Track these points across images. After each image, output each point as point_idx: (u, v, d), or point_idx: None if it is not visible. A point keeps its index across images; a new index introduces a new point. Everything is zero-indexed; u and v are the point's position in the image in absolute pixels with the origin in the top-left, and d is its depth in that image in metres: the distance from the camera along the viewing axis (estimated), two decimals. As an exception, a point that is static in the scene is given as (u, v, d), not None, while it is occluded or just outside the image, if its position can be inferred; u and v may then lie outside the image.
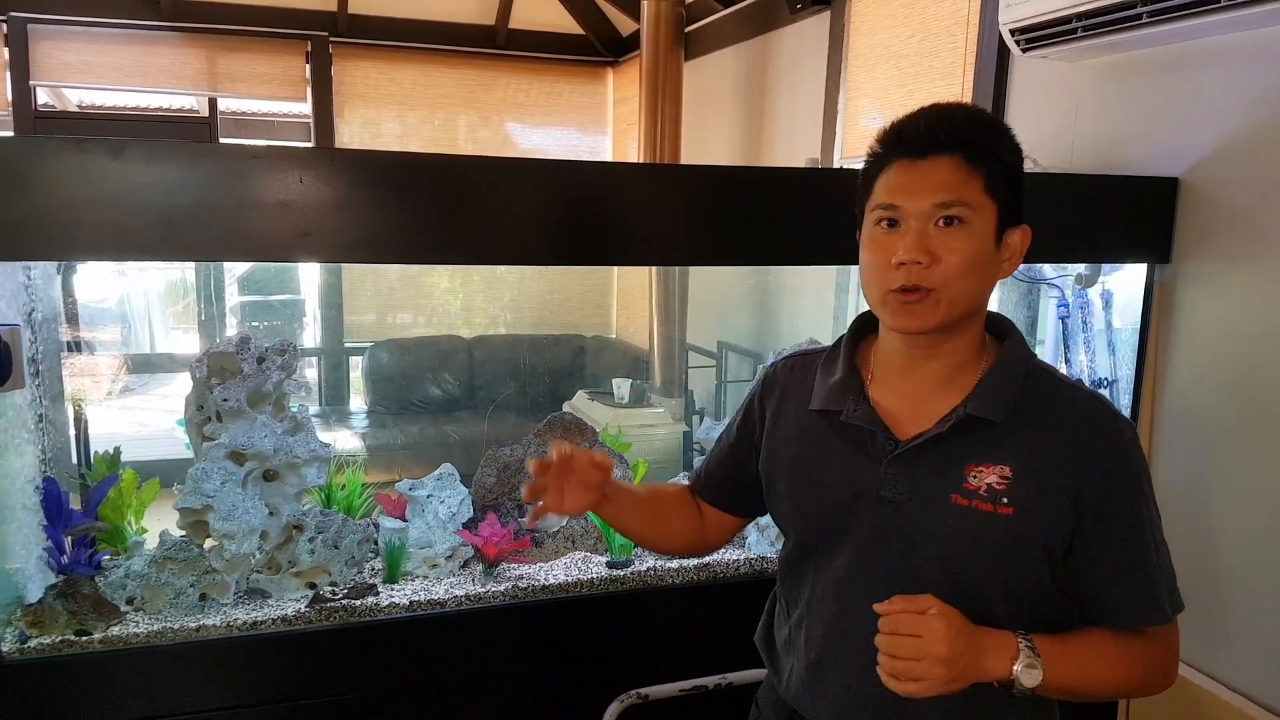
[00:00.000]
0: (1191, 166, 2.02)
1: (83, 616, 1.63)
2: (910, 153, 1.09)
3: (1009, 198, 1.09)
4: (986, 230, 1.08)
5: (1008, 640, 1.06)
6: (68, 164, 1.39)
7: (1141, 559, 1.11)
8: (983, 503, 1.09)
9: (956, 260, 1.06)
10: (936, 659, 1.01)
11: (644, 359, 4.60)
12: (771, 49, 4.17)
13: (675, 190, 1.75)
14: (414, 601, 1.80)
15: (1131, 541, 1.10)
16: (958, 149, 1.07)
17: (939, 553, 1.12)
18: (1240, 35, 1.89)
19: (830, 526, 1.19)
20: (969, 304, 1.10)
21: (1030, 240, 1.13)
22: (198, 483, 1.74)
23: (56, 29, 5.09)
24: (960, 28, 2.88)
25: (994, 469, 1.10)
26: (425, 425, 4.87)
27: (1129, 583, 1.11)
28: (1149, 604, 1.12)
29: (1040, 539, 1.09)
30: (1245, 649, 1.93)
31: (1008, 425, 1.10)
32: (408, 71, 5.75)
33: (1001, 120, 1.13)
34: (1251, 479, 1.91)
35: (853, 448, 1.18)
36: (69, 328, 2.00)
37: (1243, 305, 1.93)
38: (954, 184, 1.06)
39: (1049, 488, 1.08)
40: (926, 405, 1.14)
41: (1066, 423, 1.11)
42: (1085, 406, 1.12)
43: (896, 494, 1.14)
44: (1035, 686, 1.05)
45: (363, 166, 1.56)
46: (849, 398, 1.18)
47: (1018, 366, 1.13)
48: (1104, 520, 1.09)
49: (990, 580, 1.11)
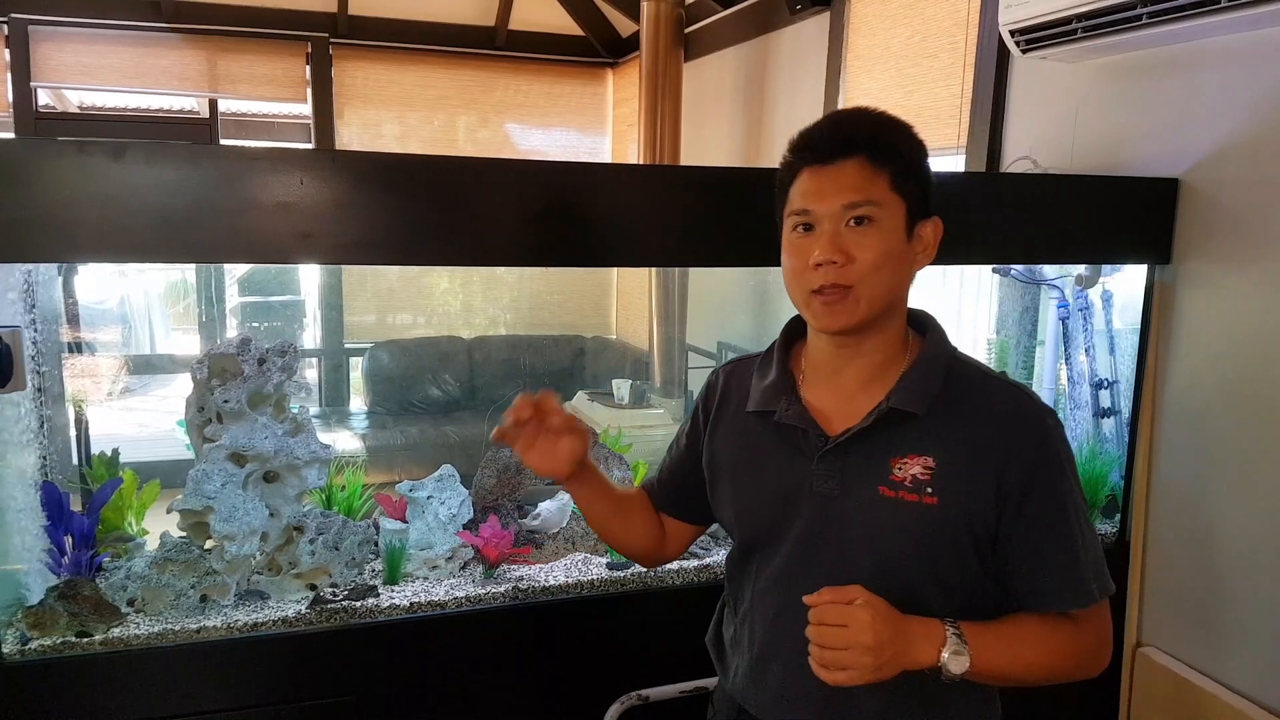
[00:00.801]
0: (1191, 167, 2.02)
1: (83, 618, 1.63)
2: (818, 158, 1.14)
3: (916, 192, 1.13)
4: (896, 225, 1.12)
5: (934, 628, 1.09)
6: (69, 165, 1.39)
7: (1067, 544, 1.14)
8: (908, 493, 1.13)
9: (869, 257, 1.11)
10: (863, 648, 1.03)
11: (644, 360, 4.60)
12: (771, 50, 4.17)
13: (674, 191, 1.75)
14: (414, 603, 1.80)
15: (1056, 527, 1.13)
16: (861, 150, 1.12)
17: (870, 544, 1.15)
18: (1240, 36, 1.89)
19: (769, 523, 1.23)
20: (887, 298, 1.14)
21: (942, 231, 1.17)
22: (198, 484, 1.74)
23: (57, 30, 5.09)
24: (960, 28, 2.88)
25: (918, 460, 1.13)
26: (425, 426, 4.87)
27: (1055, 568, 1.14)
28: (1076, 588, 1.14)
29: (965, 527, 1.12)
30: (1246, 649, 1.93)
31: (930, 417, 1.14)
32: (408, 73, 5.75)
33: (902, 120, 1.16)
34: (1252, 479, 1.91)
35: (787, 446, 1.22)
36: (70, 329, 2.00)
37: (1243, 305, 1.93)
38: (860, 184, 1.11)
39: (972, 477, 1.12)
40: (855, 402, 1.18)
41: (988, 413, 1.14)
42: (1006, 396, 1.16)
43: (829, 488, 1.17)
44: (963, 672, 1.07)
45: (363, 168, 1.56)
46: (781, 398, 1.22)
47: (939, 360, 1.18)
48: (1028, 507, 1.12)
49: (920, 569, 1.14)
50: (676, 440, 1.42)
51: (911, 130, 1.16)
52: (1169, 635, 2.11)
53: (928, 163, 1.17)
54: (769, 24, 4.12)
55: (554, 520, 2.06)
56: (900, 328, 1.20)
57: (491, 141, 5.98)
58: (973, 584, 1.16)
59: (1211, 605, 1.99)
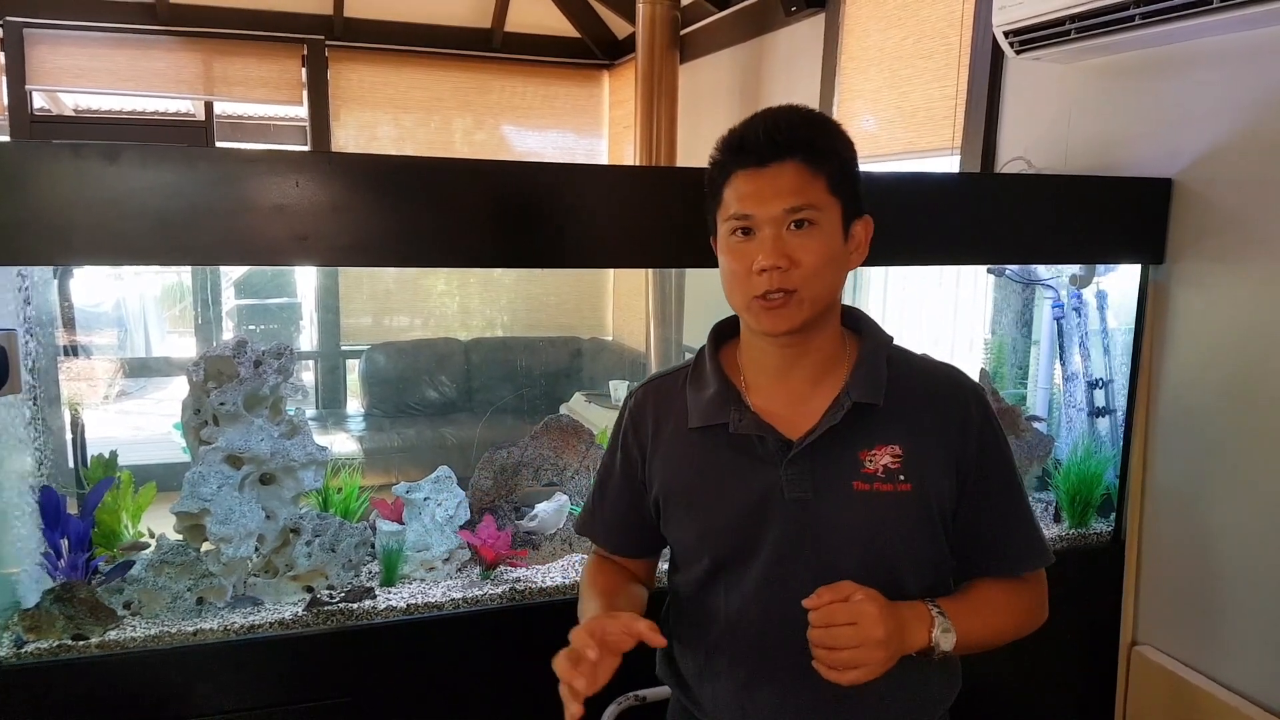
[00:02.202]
0: (1185, 167, 2.03)
1: (79, 621, 1.63)
2: (754, 161, 1.13)
3: (850, 193, 1.15)
4: (834, 227, 1.13)
5: (921, 610, 1.11)
6: (63, 168, 1.39)
7: (1021, 508, 1.21)
8: (882, 484, 1.14)
9: (812, 260, 1.11)
10: (875, 642, 1.03)
11: (641, 361, 4.61)
12: (766, 51, 4.18)
13: (671, 192, 1.75)
14: (411, 604, 1.80)
15: (1010, 492, 1.20)
16: (798, 153, 1.11)
17: (852, 540, 1.14)
18: (1233, 36, 1.89)
19: (740, 538, 1.19)
20: (828, 299, 1.15)
21: (872, 230, 1.19)
22: (194, 486, 1.74)
23: (53, 33, 5.08)
24: (954, 29, 2.89)
25: (885, 449, 1.15)
26: (422, 428, 4.87)
27: (1017, 532, 1.20)
28: (1037, 549, 1.21)
29: (936, 507, 1.15)
30: (1242, 648, 1.93)
31: (888, 406, 1.16)
32: (403, 75, 5.75)
33: (833, 120, 1.19)
34: (1247, 477, 1.92)
35: (745, 457, 1.18)
36: (66, 332, 2.00)
37: (1236, 305, 1.93)
38: (800, 188, 1.11)
39: (935, 457, 1.15)
40: (808, 402, 1.18)
41: (933, 394, 1.19)
42: (944, 376, 1.21)
43: (801, 492, 1.15)
44: (948, 649, 1.10)
45: (358, 170, 1.56)
46: (729, 408, 1.19)
47: (880, 351, 1.20)
48: (985, 478, 1.18)
49: (902, 557, 1.16)
50: (603, 482, 1.35)
51: (842, 130, 1.18)
52: (1164, 634, 2.11)
53: (857, 164, 1.18)
54: (764, 26, 4.13)
55: (551, 521, 2.06)
56: (837, 325, 1.22)
57: (488, 143, 5.98)
58: (940, 562, 1.20)
59: (1207, 604, 2.00)
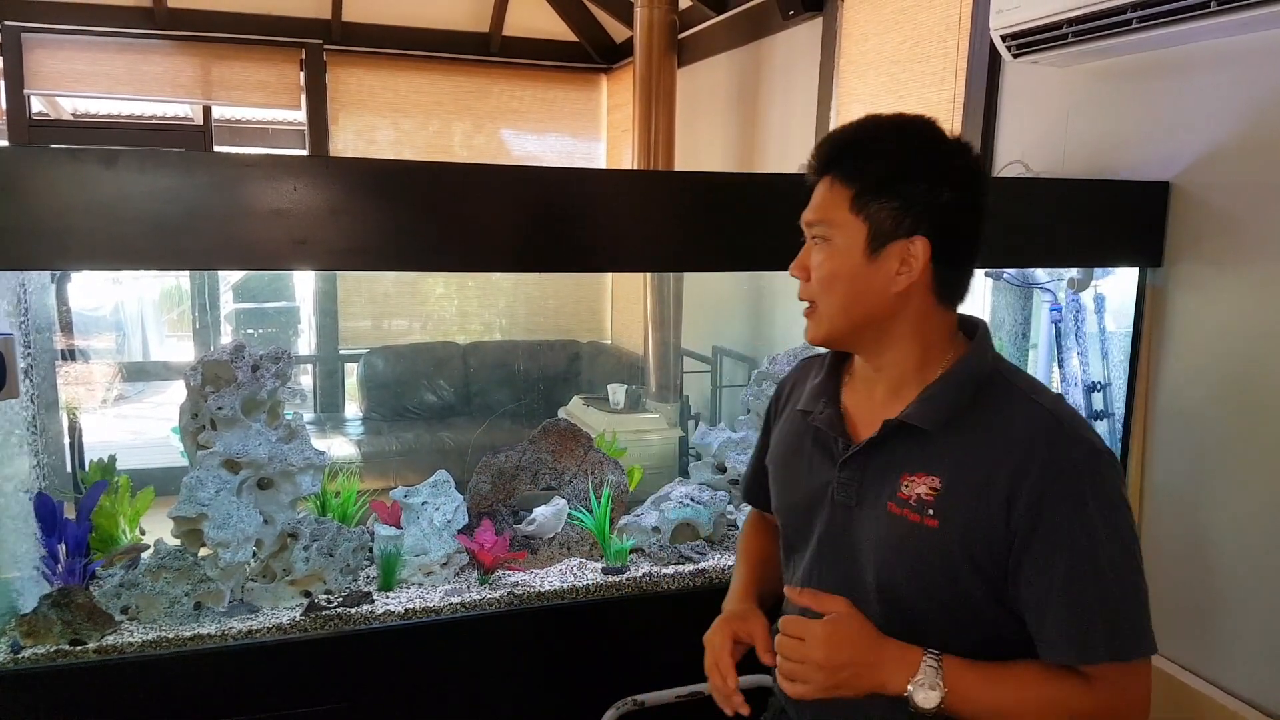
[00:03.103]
0: (1182, 170, 2.03)
1: (77, 626, 1.62)
2: (812, 173, 1.16)
3: (886, 211, 1.09)
4: (850, 245, 1.11)
5: (911, 656, 1.05)
6: (61, 173, 1.39)
7: (1075, 586, 1.03)
8: (911, 513, 1.10)
9: (818, 275, 1.13)
10: (814, 665, 1.04)
11: (639, 364, 4.60)
12: (764, 55, 4.18)
13: (669, 196, 1.76)
14: (409, 609, 1.80)
15: (1065, 565, 1.03)
16: (830, 169, 1.13)
17: (872, 559, 1.13)
18: (1230, 40, 1.90)
19: (800, 524, 1.24)
20: (847, 316, 1.13)
21: (928, 251, 1.10)
22: (192, 491, 1.74)
23: (51, 38, 5.08)
24: (951, 33, 2.89)
25: (924, 479, 1.10)
26: (420, 432, 4.87)
27: (1057, 614, 1.04)
28: (1078, 638, 1.03)
29: (966, 553, 1.06)
30: (1240, 651, 1.93)
31: (946, 435, 1.10)
32: (402, 79, 5.75)
33: (897, 135, 1.12)
34: (1246, 481, 1.92)
35: (820, 450, 1.22)
36: (63, 336, 2.00)
37: (1234, 308, 1.93)
38: (822, 204, 1.13)
39: (980, 502, 1.06)
40: (882, 411, 1.17)
41: (1008, 436, 1.07)
42: (1035, 423, 1.07)
43: (847, 498, 1.17)
44: (934, 708, 1.03)
45: (356, 174, 1.56)
46: (821, 400, 1.23)
47: (968, 377, 1.12)
48: (1034, 540, 1.04)
49: (918, 593, 1.10)
50: (758, 440, 1.45)
51: (902, 146, 1.10)
52: (1164, 639, 2.09)
53: (918, 181, 1.09)
54: (761, 30, 4.13)
55: (549, 525, 2.06)
56: (921, 349, 1.14)
57: (486, 147, 5.98)
58: (982, 616, 1.09)
59: (1207, 608, 2.00)
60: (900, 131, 1.12)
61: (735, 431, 2.39)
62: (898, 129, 1.13)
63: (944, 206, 1.10)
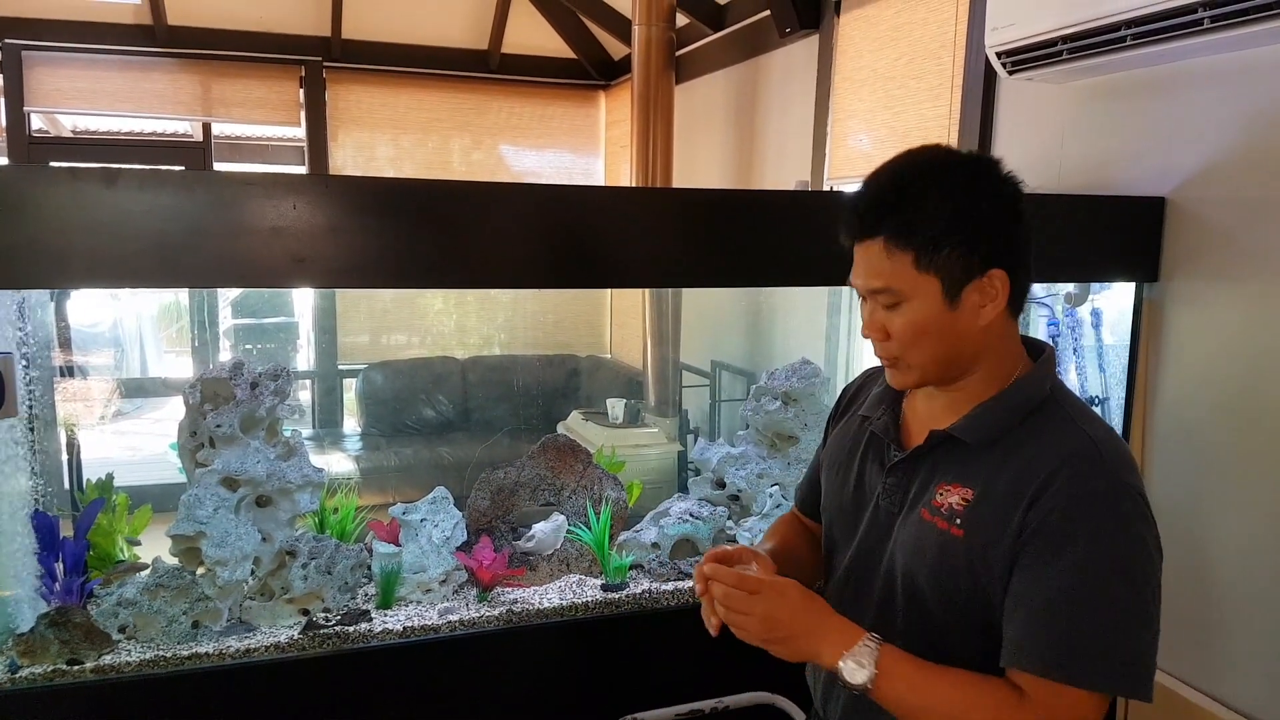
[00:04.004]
0: (1178, 186, 2.04)
1: (74, 645, 1.62)
2: (851, 236, 1.13)
3: (953, 259, 1.07)
4: (927, 303, 1.08)
5: (851, 634, 1.07)
6: (61, 192, 1.39)
7: (1050, 602, 1.01)
8: (941, 520, 1.11)
9: (902, 335, 1.11)
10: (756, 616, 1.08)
11: (638, 379, 4.60)
12: (761, 72, 4.20)
13: (667, 213, 1.76)
14: (408, 627, 1.79)
15: (1042, 579, 1.02)
16: (880, 232, 1.08)
17: (904, 564, 1.15)
18: (1224, 56, 1.91)
19: (845, 525, 1.26)
20: (939, 361, 1.12)
21: (1006, 282, 1.09)
22: (190, 509, 1.73)
23: (51, 55, 5.11)
24: (947, 50, 2.91)
25: (959, 490, 1.11)
26: (419, 447, 4.86)
27: (1021, 616, 1.03)
28: (1027, 648, 1.02)
29: (986, 567, 1.07)
30: (1238, 665, 1.93)
31: (987, 450, 1.11)
32: (401, 95, 5.77)
33: (938, 178, 1.09)
34: (1243, 494, 1.92)
35: (874, 455, 1.24)
36: (62, 353, 2.00)
37: (1230, 322, 1.94)
38: (882, 270, 1.09)
39: (1004, 517, 1.06)
40: (936, 422, 1.17)
41: (1043, 457, 1.07)
42: (1070, 447, 1.06)
43: (891, 503, 1.19)
44: (860, 686, 1.04)
45: (355, 192, 1.57)
46: (882, 406, 1.25)
47: (1023, 400, 1.12)
48: (1026, 550, 1.04)
49: (939, 597, 1.11)
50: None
51: (942, 193, 1.07)
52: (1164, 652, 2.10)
53: (974, 218, 1.07)
54: (758, 47, 4.16)
55: (548, 542, 2.05)
56: (996, 367, 1.14)
57: (485, 163, 6.00)
58: (995, 626, 1.08)
59: (1207, 621, 1.99)
60: (933, 176, 1.09)
61: (734, 447, 2.39)
62: (928, 174, 1.09)
63: (1001, 230, 1.10)
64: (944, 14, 2.94)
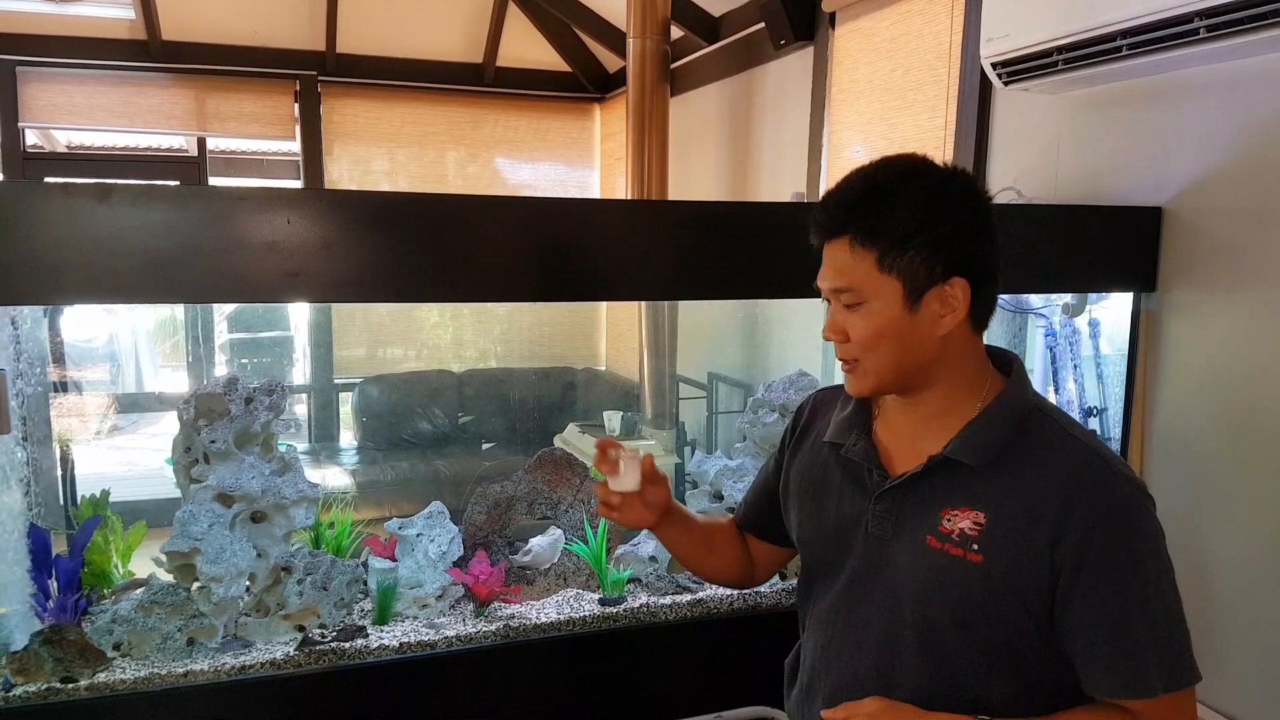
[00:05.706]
0: (1174, 196, 2.04)
1: (68, 663, 1.60)
2: (819, 235, 1.14)
3: (915, 263, 1.07)
4: (887, 304, 1.09)
5: None
6: (55, 207, 1.39)
7: (1124, 621, 1.04)
8: (954, 547, 1.09)
9: (860, 337, 1.11)
10: None
11: (635, 391, 4.60)
12: (756, 84, 4.21)
13: (662, 225, 1.76)
14: (404, 643, 1.78)
15: (1113, 601, 1.04)
16: (847, 230, 1.10)
17: (912, 594, 1.12)
18: (1220, 66, 1.91)
19: (827, 555, 1.23)
20: (898, 367, 1.12)
21: (967, 292, 1.09)
22: (185, 525, 1.72)
23: (45, 71, 5.11)
24: (942, 61, 2.92)
25: (969, 514, 1.09)
26: (416, 461, 4.85)
27: (1107, 646, 1.04)
28: (1129, 672, 1.04)
29: (1012, 591, 1.06)
30: (1238, 675, 1.92)
31: (991, 470, 1.10)
32: (396, 109, 5.78)
33: (904, 185, 1.10)
34: (1241, 503, 1.91)
35: (851, 481, 1.21)
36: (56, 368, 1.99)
37: (1228, 331, 1.94)
38: (844, 269, 1.11)
39: (1025, 538, 1.05)
40: (919, 443, 1.15)
41: (1052, 473, 1.07)
42: (1077, 459, 1.08)
43: (882, 530, 1.16)
44: None
45: (350, 206, 1.56)
46: (853, 432, 1.22)
47: (1011, 413, 1.12)
48: (1082, 576, 1.04)
49: (959, 631, 1.09)
50: (768, 462, 1.43)
51: (914, 194, 1.08)
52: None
53: (940, 224, 1.08)
54: (753, 59, 4.17)
55: (545, 556, 2.04)
56: (957, 379, 1.14)
57: (481, 176, 6.01)
58: (1031, 660, 1.09)
59: (1205, 631, 1.98)
60: (903, 179, 1.10)
61: (732, 459, 2.38)
62: (899, 177, 1.10)
63: (968, 241, 1.10)
64: (939, 25, 2.95)
